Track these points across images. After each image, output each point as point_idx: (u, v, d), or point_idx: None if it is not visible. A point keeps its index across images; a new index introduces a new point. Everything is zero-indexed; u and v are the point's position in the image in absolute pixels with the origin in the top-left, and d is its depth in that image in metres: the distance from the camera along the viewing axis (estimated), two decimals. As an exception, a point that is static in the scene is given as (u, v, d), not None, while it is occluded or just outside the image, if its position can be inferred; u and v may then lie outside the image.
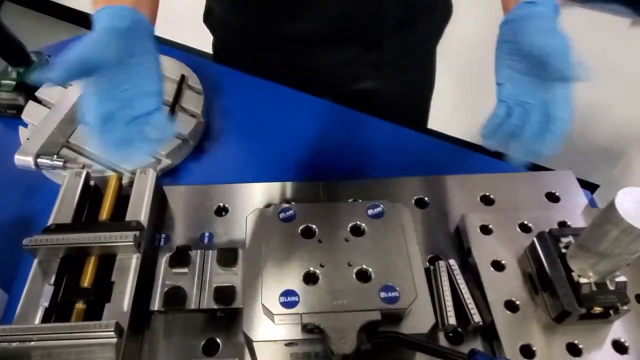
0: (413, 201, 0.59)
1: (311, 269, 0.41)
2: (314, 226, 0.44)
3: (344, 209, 0.45)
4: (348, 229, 0.44)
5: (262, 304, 0.40)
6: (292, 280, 0.41)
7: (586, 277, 0.44)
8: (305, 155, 0.66)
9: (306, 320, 0.39)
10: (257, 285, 0.41)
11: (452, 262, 0.50)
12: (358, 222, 0.44)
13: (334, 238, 0.43)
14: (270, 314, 0.40)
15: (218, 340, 0.49)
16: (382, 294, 0.40)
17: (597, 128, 1.33)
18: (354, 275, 0.41)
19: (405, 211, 0.46)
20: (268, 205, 0.48)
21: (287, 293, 0.40)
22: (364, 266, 0.41)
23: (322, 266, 0.41)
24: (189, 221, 0.58)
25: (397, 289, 0.40)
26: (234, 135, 0.69)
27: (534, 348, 0.45)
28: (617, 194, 0.40)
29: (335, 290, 0.40)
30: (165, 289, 0.48)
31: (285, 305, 0.39)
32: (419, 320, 0.41)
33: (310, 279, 0.41)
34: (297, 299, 0.40)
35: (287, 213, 0.45)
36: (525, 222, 0.54)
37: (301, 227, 0.44)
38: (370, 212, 0.45)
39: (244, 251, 0.44)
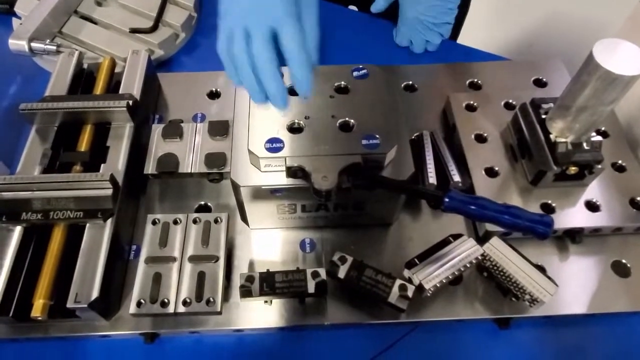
0: (402, 86, 0.60)
1: (296, 120, 0.43)
2: (300, 84, 0.45)
3: (329, 71, 0.46)
4: (333, 88, 0.45)
5: (248, 149, 0.41)
6: (278, 129, 0.42)
7: (563, 137, 0.46)
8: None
9: (290, 163, 0.40)
10: (245, 135, 0.43)
11: (436, 131, 0.52)
12: (343, 82, 0.45)
13: (319, 95, 0.44)
14: (256, 160, 0.41)
15: (209, 204, 0.51)
16: (364, 142, 0.41)
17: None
18: (337, 126, 0.42)
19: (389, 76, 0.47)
20: None
21: (273, 140, 0.42)
22: (347, 118, 0.43)
23: (306, 118, 0.43)
24: (182, 104, 0.59)
25: (378, 136, 0.41)
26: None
27: (510, 206, 0.47)
28: (594, 45, 0.41)
29: (318, 138, 0.42)
30: (159, 156, 0.50)
31: (271, 150, 0.41)
32: (399, 169, 0.42)
33: (295, 129, 0.43)
34: (281, 145, 0.41)
35: (274, 74, 0.46)
36: (510, 101, 0.55)
37: (287, 85, 0.45)
38: (355, 73, 0.46)
39: (234, 117, 0.45)
